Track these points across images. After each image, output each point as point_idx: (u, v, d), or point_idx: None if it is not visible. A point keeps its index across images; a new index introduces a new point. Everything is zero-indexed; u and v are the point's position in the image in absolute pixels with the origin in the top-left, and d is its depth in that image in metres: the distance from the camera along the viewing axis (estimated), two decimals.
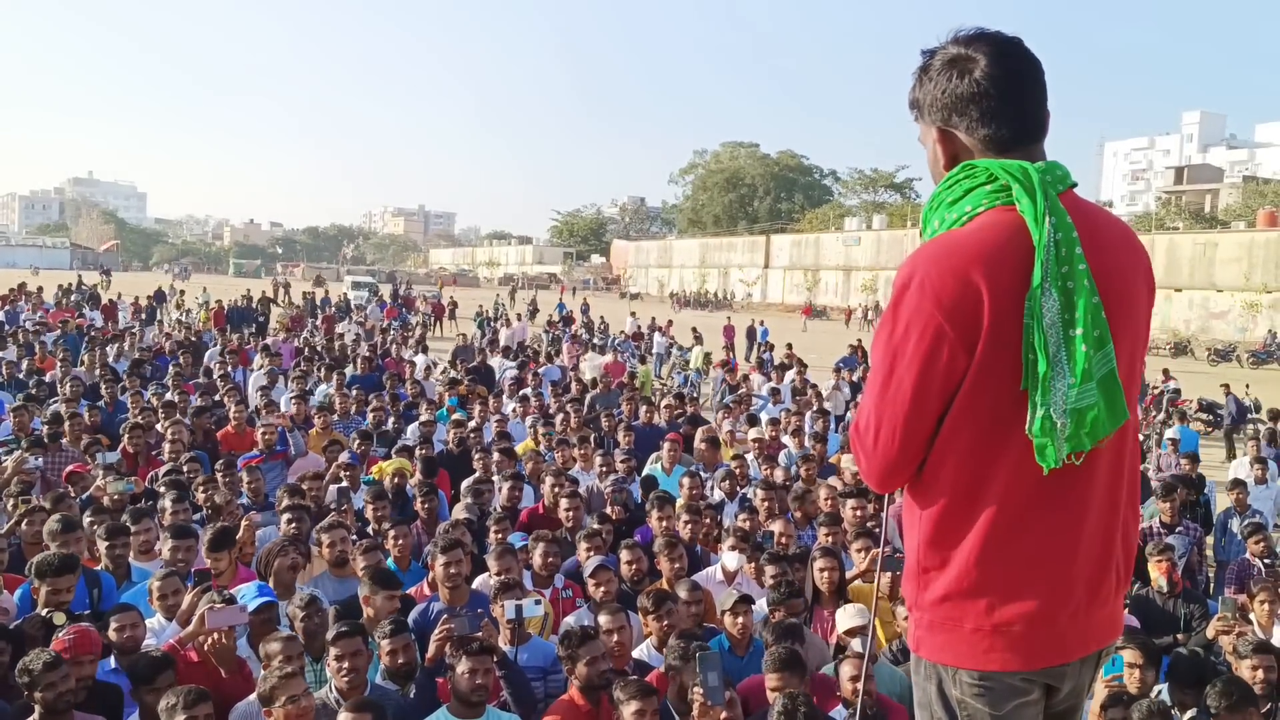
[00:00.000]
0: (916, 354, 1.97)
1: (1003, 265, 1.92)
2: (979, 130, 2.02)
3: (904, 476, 2.13)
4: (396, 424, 12.04)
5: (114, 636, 5.08)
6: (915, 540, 2.12)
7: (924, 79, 2.08)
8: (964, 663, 2.08)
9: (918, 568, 2.12)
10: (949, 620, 2.08)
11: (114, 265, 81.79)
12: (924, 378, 1.98)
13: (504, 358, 20.78)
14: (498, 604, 5.58)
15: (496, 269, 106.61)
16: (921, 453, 2.07)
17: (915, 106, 2.12)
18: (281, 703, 4.21)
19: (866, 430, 2.10)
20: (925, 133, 2.15)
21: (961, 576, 2.04)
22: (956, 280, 1.92)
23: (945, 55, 2.04)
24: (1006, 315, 1.91)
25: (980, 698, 2.09)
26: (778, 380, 19.01)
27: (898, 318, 1.99)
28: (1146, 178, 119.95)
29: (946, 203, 2.04)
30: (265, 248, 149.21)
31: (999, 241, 1.94)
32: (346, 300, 42.44)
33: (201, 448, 10.12)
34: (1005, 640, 2.04)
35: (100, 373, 14.34)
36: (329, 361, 17.49)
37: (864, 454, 2.13)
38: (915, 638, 2.18)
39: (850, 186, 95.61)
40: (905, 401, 2.01)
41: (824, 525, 7.50)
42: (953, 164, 2.08)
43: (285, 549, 6.11)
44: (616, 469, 9.56)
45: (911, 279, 1.97)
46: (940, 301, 1.92)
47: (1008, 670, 2.05)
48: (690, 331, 29.14)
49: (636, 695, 4.44)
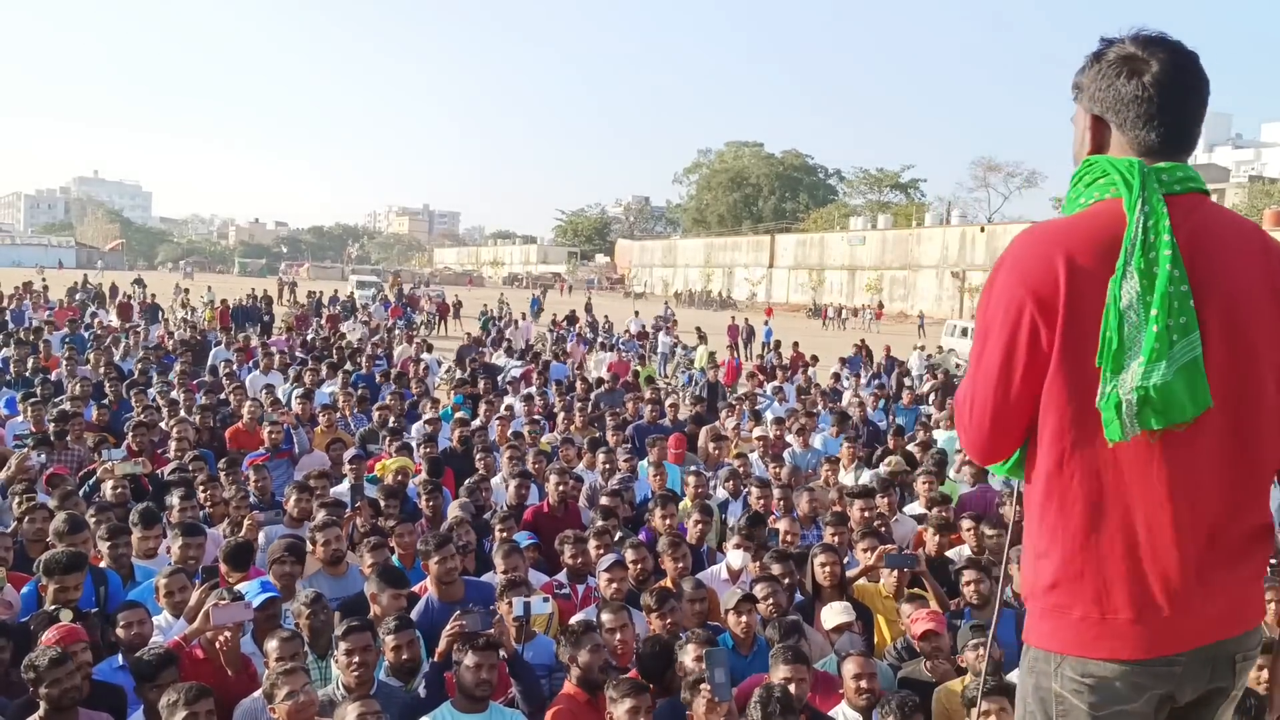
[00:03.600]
0: (1004, 331, 2.05)
1: (1085, 248, 2.00)
2: (1130, 130, 2.09)
3: (1002, 453, 2.18)
4: (399, 422, 12.05)
5: (121, 634, 5.11)
6: (1031, 523, 2.16)
7: (1094, 66, 2.14)
8: (1070, 650, 2.08)
9: (1033, 554, 2.15)
10: (1058, 608, 2.10)
11: (119, 265, 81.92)
12: (1009, 354, 2.04)
13: (509, 356, 20.81)
14: (504, 601, 5.60)
15: (500, 269, 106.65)
16: (1015, 430, 2.12)
17: (1078, 88, 2.19)
18: (283, 698, 4.22)
19: (963, 405, 2.19)
20: (1078, 117, 2.21)
21: (1066, 562, 2.07)
22: (1040, 260, 2.01)
23: (1122, 50, 2.10)
24: (1085, 296, 1.98)
25: (1079, 694, 2.08)
26: (783, 380, 19.04)
27: (991, 297, 2.09)
28: None
29: (1072, 196, 2.14)
30: (270, 247, 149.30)
31: (1090, 227, 2.03)
32: (352, 299, 42.55)
33: (207, 446, 10.15)
34: (1112, 628, 2.04)
35: (105, 371, 14.37)
36: (334, 360, 17.52)
37: (962, 429, 2.21)
38: (1027, 626, 2.19)
39: (855, 186, 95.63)
40: (994, 377, 2.08)
41: (830, 524, 7.51)
42: (1097, 152, 2.15)
43: (282, 558, 6.09)
44: (619, 467, 9.58)
45: (1005, 260, 2.08)
46: (1026, 280, 2.01)
47: (1115, 659, 2.04)
48: (695, 330, 29.16)
49: (630, 693, 4.43)
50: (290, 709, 4.21)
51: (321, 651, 5.28)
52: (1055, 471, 2.06)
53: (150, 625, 5.28)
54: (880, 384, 19.07)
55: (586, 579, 6.62)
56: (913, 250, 63.45)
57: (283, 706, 4.22)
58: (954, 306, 56.38)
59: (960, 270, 58.22)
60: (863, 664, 5.07)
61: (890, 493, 8.54)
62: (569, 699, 4.89)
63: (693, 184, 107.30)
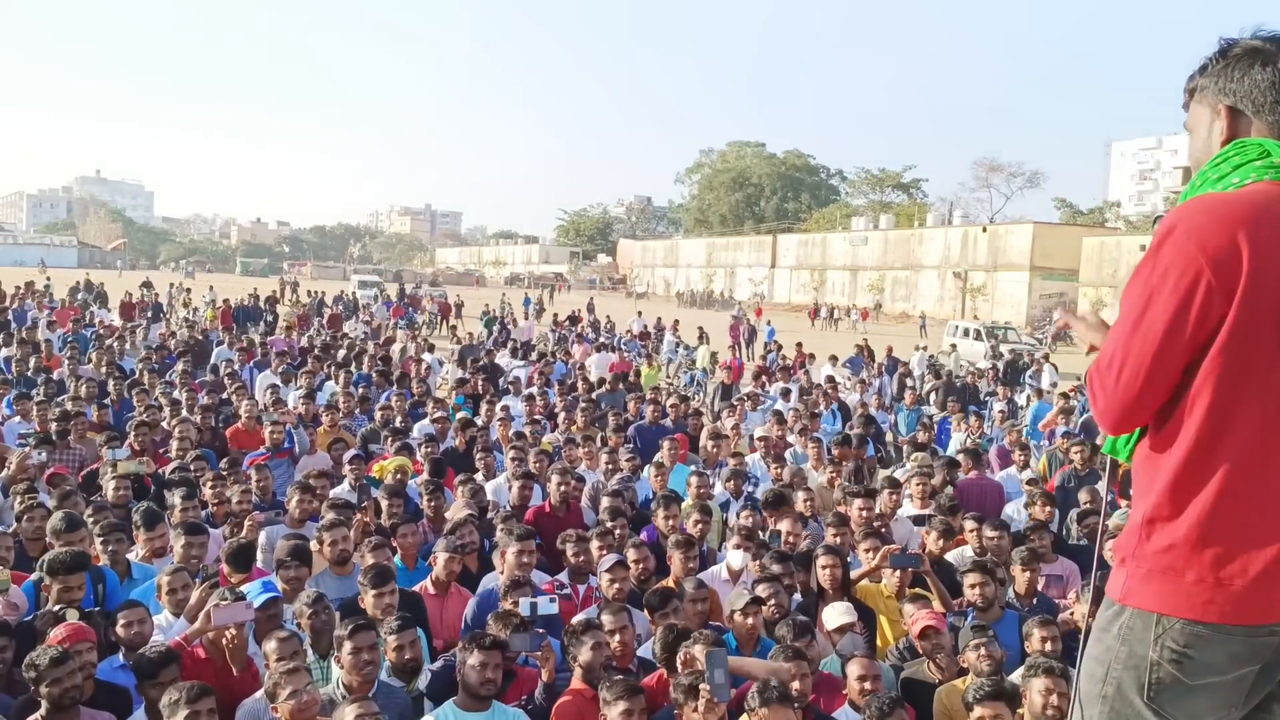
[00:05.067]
0: (1175, 294, 2.03)
1: (1267, 226, 2.01)
2: (1269, 115, 2.14)
3: (1141, 419, 2.18)
4: (404, 422, 12.04)
5: (122, 633, 5.10)
6: (1153, 490, 2.15)
7: (1219, 63, 2.20)
8: (1181, 612, 2.09)
9: (1143, 520, 2.16)
10: (1171, 570, 2.10)
11: (122, 264, 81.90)
12: (1178, 318, 2.03)
13: (513, 357, 20.81)
14: (509, 600, 5.59)
15: (502, 268, 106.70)
16: (1162, 397, 2.12)
17: (1196, 90, 2.25)
18: (286, 697, 4.22)
19: (1109, 367, 2.15)
20: (1201, 115, 2.26)
21: (1193, 527, 2.08)
22: (1221, 230, 2.01)
23: (1248, 45, 2.17)
24: (1266, 272, 1.99)
25: (1177, 663, 2.10)
26: (785, 380, 19.03)
27: (1158, 261, 2.07)
28: (1154, 178, 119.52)
29: (1212, 179, 2.15)
30: (272, 247, 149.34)
31: (1266, 205, 2.03)
32: (354, 299, 42.55)
33: (209, 446, 10.15)
34: (1226, 594, 2.06)
35: (108, 371, 14.38)
36: (337, 360, 17.52)
37: (1104, 391, 2.17)
38: (1125, 589, 2.19)
39: (857, 186, 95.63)
40: (1156, 339, 2.06)
41: (831, 525, 7.49)
42: (1229, 143, 2.18)
43: (288, 562, 6.09)
44: (621, 467, 9.57)
45: (1176, 226, 2.06)
46: (1205, 247, 2.00)
47: (1225, 622, 2.07)
48: (696, 331, 29.18)
49: (624, 695, 4.43)
50: (293, 708, 4.21)
51: (323, 651, 5.27)
52: (1207, 440, 2.07)
53: (151, 624, 5.27)
54: (867, 384, 18.92)
55: (588, 579, 6.62)
56: (915, 250, 63.44)
57: (285, 706, 4.22)
58: (955, 307, 56.37)
59: (962, 270, 58.21)
60: (867, 665, 5.07)
61: (897, 492, 8.53)
62: (575, 694, 4.92)
63: (695, 184, 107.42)
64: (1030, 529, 7.46)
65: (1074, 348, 35.81)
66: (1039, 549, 7.02)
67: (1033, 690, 4.67)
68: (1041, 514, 8.18)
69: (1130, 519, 2.22)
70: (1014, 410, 16.99)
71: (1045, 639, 5.40)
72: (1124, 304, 2.14)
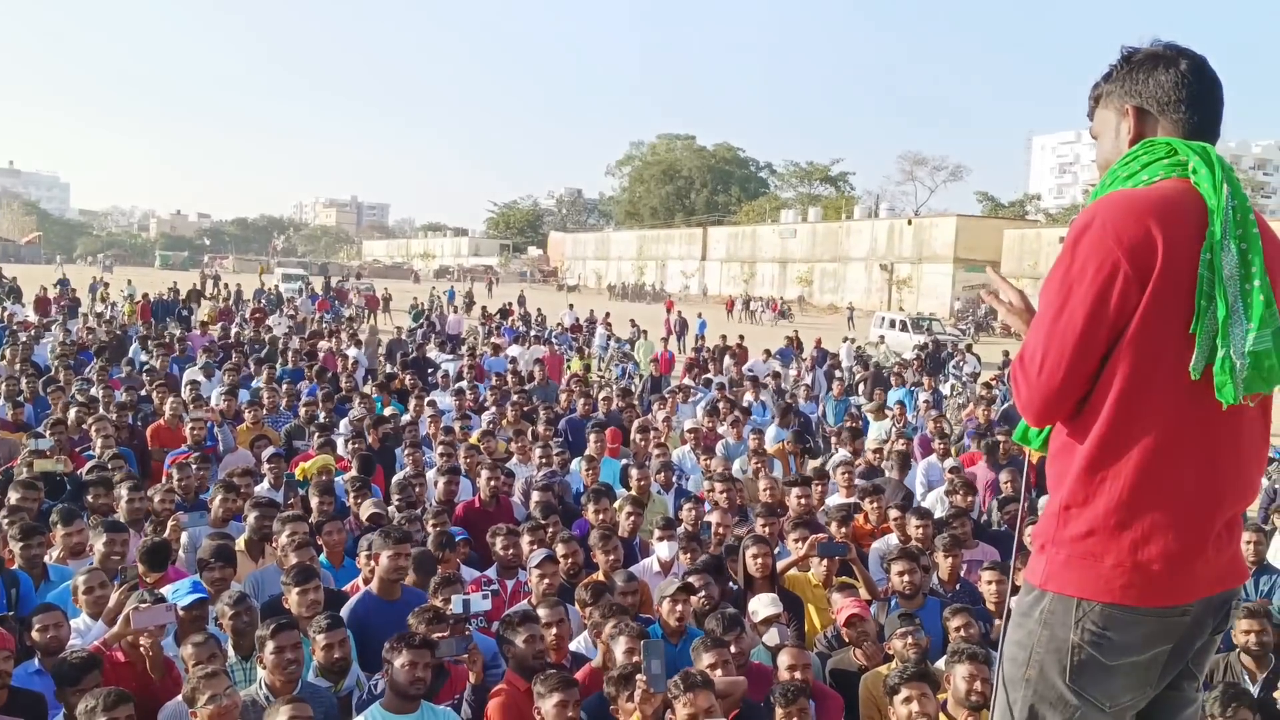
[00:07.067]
0: (1094, 285, 2.10)
1: (1177, 219, 2.09)
2: (1173, 114, 2.24)
3: (1063, 410, 2.22)
4: (329, 418, 11.85)
5: (37, 637, 4.95)
6: (1068, 477, 2.21)
7: (1124, 68, 2.30)
8: (1100, 596, 2.16)
9: (1060, 506, 2.22)
10: (1089, 555, 2.18)
11: (36, 258, 79.40)
12: (1097, 308, 2.10)
13: (441, 351, 20.64)
14: (439, 598, 5.54)
15: (431, 261, 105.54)
16: (1083, 387, 2.17)
17: (1102, 96, 2.36)
18: (205, 701, 4.14)
19: (1032, 360, 2.20)
20: (1108, 119, 2.35)
21: (1109, 513, 2.15)
22: (1136, 223, 2.09)
23: (1150, 51, 2.28)
24: (1178, 263, 2.07)
25: (1096, 644, 2.18)
26: (715, 370, 19.15)
27: (1076, 254, 2.14)
28: (1074, 171, 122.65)
29: (1122, 177, 2.22)
30: (193, 239, 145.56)
31: (1175, 200, 2.12)
32: (277, 292, 41.77)
33: (126, 444, 9.88)
34: (1144, 577, 2.14)
35: (22, 368, 13.94)
36: (260, 355, 17.18)
37: (1026, 383, 2.23)
38: (1044, 574, 2.26)
39: (786, 179, 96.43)
40: (1076, 331, 2.12)
41: (760, 515, 7.56)
42: (1137, 142, 2.26)
43: (210, 564, 5.95)
44: (552, 461, 9.55)
45: (1093, 220, 2.13)
46: (1120, 239, 2.08)
47: (1142, 605, 2.15)
48: (629, 323, 29.20)
49: (558, 687, 4.44)
50: (212, 713, 4.13)
51: (245, 652, 5.18)
52: (1120, 426, 2.14)
53: (68, 628, 5.12)
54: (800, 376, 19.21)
55: (518, 573, 6.59)
56: (842, 243, 64.20)
57: (204, 711, 4.14)
58: (882, 298, 57.17)
59: (888, 263, 59.05)
60: (796, 655, 5.13)
61: (824, 483, 8.65)
62: (509, 686, 4.91)
63: (625, 176, 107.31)
64: (951, 515, 7.62)
65: (997, 339, 36.58)
66: (960, 535, 7.17)
67: (956, 676, 4.75)
68: (962, 502, 8.35)
69: (1048, 505, 2.29)
70: (938, 400, 17.29)
71: (960, 627, 5.51)
72: (1043, 297, 2.20)
